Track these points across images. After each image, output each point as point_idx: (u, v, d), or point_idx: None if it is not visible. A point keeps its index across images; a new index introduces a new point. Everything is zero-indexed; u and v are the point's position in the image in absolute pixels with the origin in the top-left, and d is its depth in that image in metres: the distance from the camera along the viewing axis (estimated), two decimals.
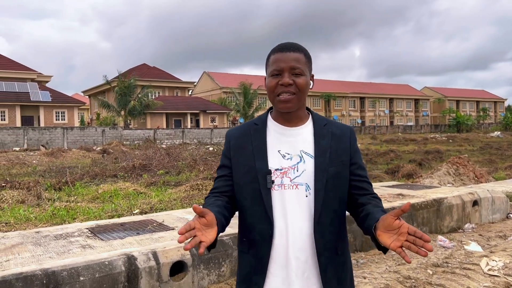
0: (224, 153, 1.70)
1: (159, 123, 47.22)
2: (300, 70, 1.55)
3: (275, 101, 1.58)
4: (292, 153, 1.58)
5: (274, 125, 1.64)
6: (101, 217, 6.72)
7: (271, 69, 1.57)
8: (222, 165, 1.69)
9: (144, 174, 12.91)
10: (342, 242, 1.62)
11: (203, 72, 69.06)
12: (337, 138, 1.61)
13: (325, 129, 1.62)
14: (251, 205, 1.58)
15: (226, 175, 1.66)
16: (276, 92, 1.55)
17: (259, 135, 1.63)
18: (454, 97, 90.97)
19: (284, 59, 1.54)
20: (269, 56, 1.61)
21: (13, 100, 39.82)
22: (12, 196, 8.21)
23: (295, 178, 1.55)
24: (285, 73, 1.54)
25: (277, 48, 1.59)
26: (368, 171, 13.68)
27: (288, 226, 1.53)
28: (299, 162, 1.57)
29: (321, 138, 1.60)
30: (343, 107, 75.38)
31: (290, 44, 1.59)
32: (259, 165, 1.57)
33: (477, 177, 9.98)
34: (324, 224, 1.54)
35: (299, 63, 1.55)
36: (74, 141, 33.66)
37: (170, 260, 3.62)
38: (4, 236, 4.36)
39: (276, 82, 1.55)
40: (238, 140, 1.65)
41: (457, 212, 6.27)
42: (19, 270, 3.11)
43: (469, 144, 30.62)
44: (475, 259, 4.74)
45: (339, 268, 1.59)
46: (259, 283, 1.56)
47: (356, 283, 4.06)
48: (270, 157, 1.58)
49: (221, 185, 1.66)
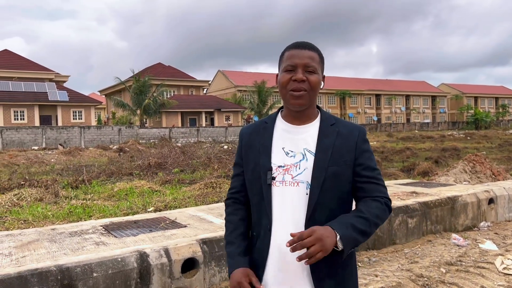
0: (237, 151, 1.77)
1: (174, 122, 47.56)
2: (313, 68, 1.57)
3: (287, 96, 1.59)
4: (296, 150, 1.60)
5: (282, 123, 1.67)
6: (116, 214, 6.82)
7: (285, 65, 1.59)
8: (236, 163, 1.77)
9: (159, 172, 13.03)
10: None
11: (218, 70, 69.27)
12: (343, 137, 1.60)
13: (332, 128, 1.62)
14: (258, 201, 1.63)
15: (240, 174, 1.74)
16: (288, 87, 1.57)
17: (267, 132, 1.66)
18: (472, 94, 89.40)
19: (299, 55, 1.57)
20: (284, 53, 1.63)
21: (31, 100, 40.53)
22: (31, 194, 8.37)
23: (296, 175, 1.57)
24: (298, 69, 1.56)
25: (293, 45, 1.62)
26: (384, 169, 13.56)
27: (285, 222, 1.56)
28: (302, 160, 1.58)
29: (324, 136, 1.60)
30: (358, 105, 74.74)
31: (306, 42, 1.62)
32: (263, 161, 1.61)
33: (494, 175, 9.81)
34: (318, 222, 1.51)
35: (313, 61, 1.58)
36: (91, 140, 34.13)
37: (181, 257, 3.66)
38: (21, 233, 4.47)
39: (289, 77, 1.57)
40: (249, 138, 1.70)
41: (472, 210, 6.19)
42: (34, 266, 3.19)
43: (487, 141, 30.08)
44: (490, 258, 4.68)
45: (336, 268, 1.56)
46: (259, 276, 1.61)
47: (368, 281, 4.04)
48: (274, 154, 1.61)
49: (237, 185, 1.75)
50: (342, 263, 1.57)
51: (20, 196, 8.24)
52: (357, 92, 73.47)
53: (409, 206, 5.57)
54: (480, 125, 58.74)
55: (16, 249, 3.78)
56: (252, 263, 1.64)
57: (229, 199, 1.79)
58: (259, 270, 1.61)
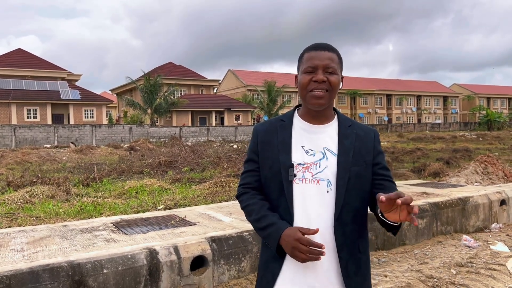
0: (251, 148, 1.76)
1: (185, 121, 47.76)
2: (333, 68, 1.61)
3: (307, 97, 1.62)
4: (315, 149, 1.64)
5: (300, 122, 1.70)
6: (126, 212, 6.87)
7: (305, 66, 1.62)
8: (250, 159, 1.75)
9: (169, 171, 13.11)
10: (363, 240, 1.66)
11: (228, 70, 69.43)
12: (361, 139, 1.67)
13: (350, 130, 1.68)
14: (276, 198, 1.64)
15: (254, 170, 1.73)
16: (309, 88, 1.61)
17: (285, 130, 1.69)
18: (485, 94, 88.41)
19: (319, 57, 1.61)
20: (303, 54, 1.67)
21: (44, 98, 41.01)
22: (43, 191, 8.47)
23: (316, 173, 1.60)
24: (319, 70, 1.60)
25: (312, 46, 1.66)
26: (394, 169, 13.47)
27: (308, 220, 1.59)
28: (322, 159, 1.62)
29: (345, 138, 1.65)
30: (369, 105, 74.35)
31: (325, 44, 1.65)
32: (283, 158, 1.63)
33: (506, 176, 9.70)
34: (345, 221, 1.59)
35: (333, 62, 1.62)
36: (102, 139, 34.43)
37: (191, 255, 3.68)
38: (33, 229, 4.53)
39: (309, 78, 1.61)
40: (265, 135, 1.72)
41: (483, 212, 6.13)
42: (46, 261, 3.23)
43: (500, 142, 29.71)
44: (501, 260, 4.63)
45: (361, 266, 1.64)
46: (275, 271, 1.62)
47: (377, 281, 4.03)
48: (294, 152, 1.64)
49: (251, 180, 1.73)
50: (366, 261, 1.65)
51: (33, 193, 8.34)
52: (368, 92, 73.08)
53: (420, 206, 5.53)
54: (493, 126, 57.98)
55: (28, 245, 3.84)
56: (266, 257, 1.66)
57: (243, 190, 1.75)
58: (275, 264, 1.62)
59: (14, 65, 45.55)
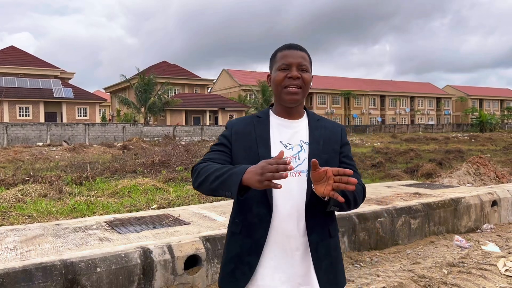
0: (224, 135, 1.77)
1: (179, 120, 47.66)
2: (306, 66, 1.70)
3: (282, 93, 1.69)
4: (293, 143, 1.71)
5: (276, 119, 1.76)
6: (120, 211, 6.85)
7: (279, 64, 1.70)
8: (221, 143, 1.75)
9: (163, 170, 13.07)
10: (333, 225, 1.74)
11: (222, 69, 69.36)
12: (329, 131, 1.78)
13: (319, 123, 1.79)
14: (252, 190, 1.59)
15: (225, 152, 1.72)
16: (283, 84, 1.68)
17: (262, 125, 1.74)
18: (477, 96, 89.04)
19: (293, 55, 1.69)
20: (276, 53, 1.75)
21: (37, 96, 40.74)
22: (35, 190, 8.42)
23: (297, 166, 1.67)
24: (293, 68, 1.67)
25: (285, 46, 1.74)
26: (387, 170, 13.55)
27: (286, 210, 1.64)
28: (300, 151, 1.70)
29: (315, 129, 1.76)
30: (363, 105, 74.58)
31: (297, 44, 1.74)
32: (262, 152, 1.67)
33: (498, 177, 9.79)
34: (315, 205, 1.63)
35: (305, 60, 1.71)
36: (95, 137, 34.26)
37: (184, 254, 3.69)
38: (26, 228, 4.50)
39: (284, 75, 1.67)
40: (241, 127, 1.75)
41: (475, 212, 6.18)
42: (39, 260, 3.22)
43: (492, 143, 29.94)
44: (492, 260, 4.68)
45: (331, 250, 1.71)
46: (252, 263, 1.64)
47: (370, 281, 4.05)
48: (273, 146, 1.69)
49: (218, 157, 1.69)
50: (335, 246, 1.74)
51: (25, 191, 8.29)
52: (361, 93, 73.29)
53: (412, 207, 5.57)
54: (485, 128, 58.38)
55: (21, 243, 3.82)
56: (238, 249, 1.67)
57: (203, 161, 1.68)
58: (251, 257, 1.64)
59: (7, 63, 45.17)
